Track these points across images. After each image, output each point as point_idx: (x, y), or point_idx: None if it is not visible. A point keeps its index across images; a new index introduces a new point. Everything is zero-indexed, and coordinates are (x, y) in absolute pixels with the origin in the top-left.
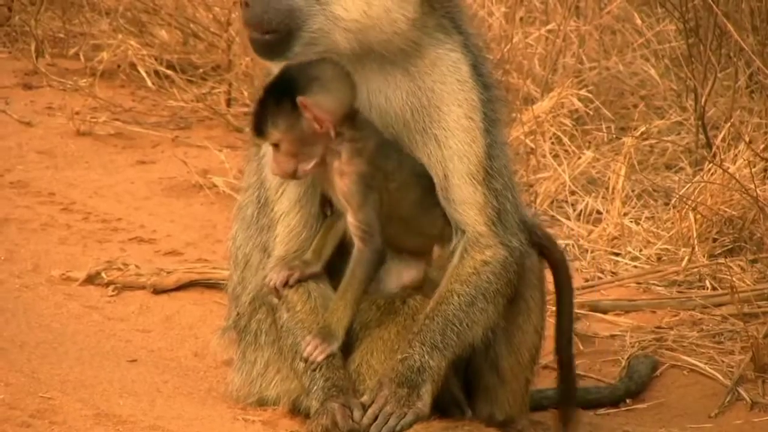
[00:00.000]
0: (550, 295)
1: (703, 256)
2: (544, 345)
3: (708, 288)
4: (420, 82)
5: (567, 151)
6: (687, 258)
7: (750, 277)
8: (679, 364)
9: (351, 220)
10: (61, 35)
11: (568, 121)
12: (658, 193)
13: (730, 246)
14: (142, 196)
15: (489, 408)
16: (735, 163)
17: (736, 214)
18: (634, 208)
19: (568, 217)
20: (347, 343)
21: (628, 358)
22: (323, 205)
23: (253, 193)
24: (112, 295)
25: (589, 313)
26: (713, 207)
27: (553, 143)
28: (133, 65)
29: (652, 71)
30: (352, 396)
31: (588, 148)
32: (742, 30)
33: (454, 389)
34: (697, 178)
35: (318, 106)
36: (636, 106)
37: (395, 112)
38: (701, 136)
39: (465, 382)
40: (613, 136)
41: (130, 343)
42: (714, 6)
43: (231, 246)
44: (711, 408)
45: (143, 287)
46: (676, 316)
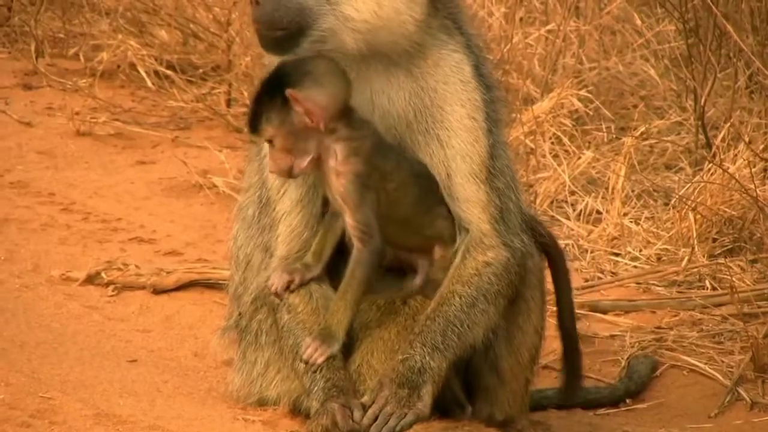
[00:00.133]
0: (550, 295)
1: (703, 256)
2: (544, 345)
3: (708, 288)
4: (423, 82)
5: (567, 151)
6: (687, 258)
7: (750, 277)
8: (678, 364)
9: (349, 221)
10: (61, 35)
11: (568, 122)
12: (657, 193)
13: (729, 246)
14: (142, 197)
15: (489, 408)
16: (735, 164)
17: (735, 214)
18: (633, 208)
19: (568, 217)
20: (347, 343)
21: (628, 358)
22: (325, 205)
23: (254, 193)
24: (112, 295)
25: (589, 313)
26: (713, 207)
27: (553, 143)
28: (133, 65)
29: (652, 71)
30: (353, 396)
31: (588, 149)
32: (741, 30)
33: (454, 386)
34: (697, 178)
35: (309, 99)
36: (636, 107)
37: (398, 113)
38: (701, 137)
39: (465, 383)
40: (613, 137)
41: (130, 343)
42: (714, 6)
43: (232, 246)
44: (711, 408)
45: (143, 287)
46: (675, 316)
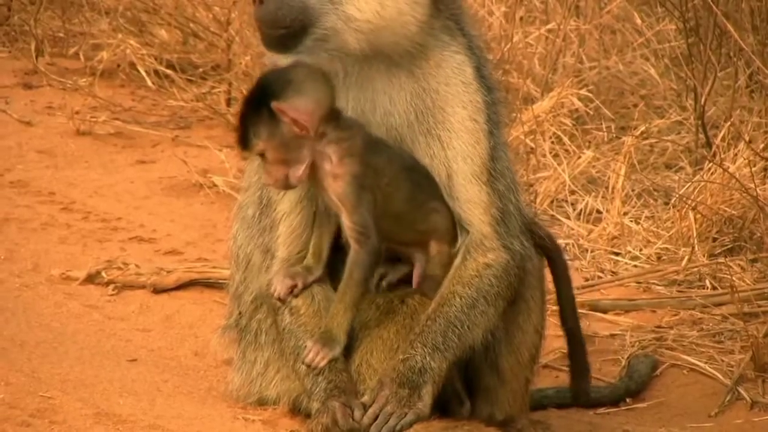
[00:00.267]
0: (550, 294)
1: (703, 256)
2: (544, 344)
3: (708, 287)
4: (424, 83)
5: (567, 150)
6: (687, 257)
7: (750, 276)
8: (679, 363)
9: (346, 222)
10: (61, 35)
11: (568, 121)
12: (658, 192)
13: (730, 245)
14: (142, 196)
15: (489, 407)
16: (735, 163)
17: (736, 213)
18: (634, 207)
19: (568, 217)
20: (347, 343)
21: (628, 358)
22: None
23: (254, 193)
24: (112, 295)
25: (589, 313)
26: (713, 206)
27: (553, 143)
28: (132, 65)
29: (652, 71)
30: (354, 397)
31: (588, 148)
32: (742, 30)
33: (455, 381)
34: (697, 177)
35: (294, 108)
36: (636, 106)
37: (399, 114)
38: (701, 136)
39: (465, 382)
40: (613, 136)
41: (130, 343)
42: (714, 6)
43: (232, 246)
44: (711, 407)
45: (143, 286)
46: (676, 315)
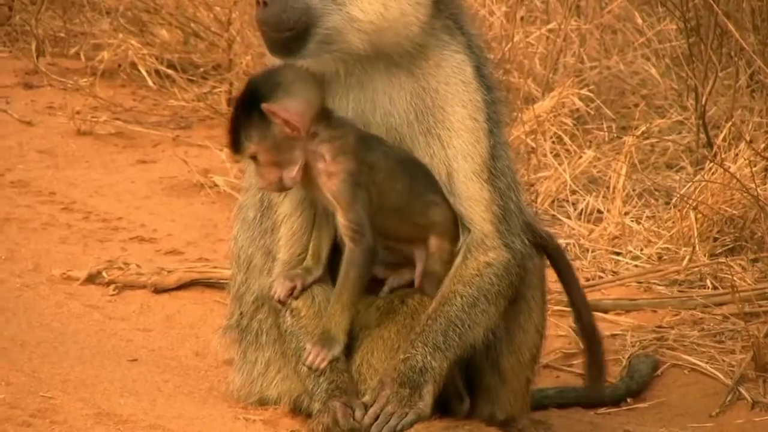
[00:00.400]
0: (550, 294)
1: (704, 256)
2: (545, 344)
3: (709, 287)
4: (424, 83)
5: (568, 150)
6: (688, 257)
7: (751, 276)
8: (680, 363)
9: (341, 220)
10: (62, 35)
11: (568, 121)
12: (659, 192)
13: (731, 245)
14: (143, 196)
15: (490, 407)
16: (736, 163)
17: (737, 213)
18: (635, 207)
19: (569, 217)
20: (348, 343)
21: (629, 358)
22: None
23: (255, 194)
24: (112, 295)
25: None
26: (714, 206)
27: (553, 142)
28: (133, 65)
29: (653, 70)
30: (355, 397)
31: (589, 148)
32: (742, 29)
33: (455, 378)
34: (698, 177)
35: (285, 109)
36: (637, 106)
37: (399, 113)
38: (702, 136)
39: (466, 381)
40: (614, 136)
41: (131, 343)
42: (715, 5)
43: (233, 247)
44: (712, 407)
45: (144, 286)
46: (677, 315)
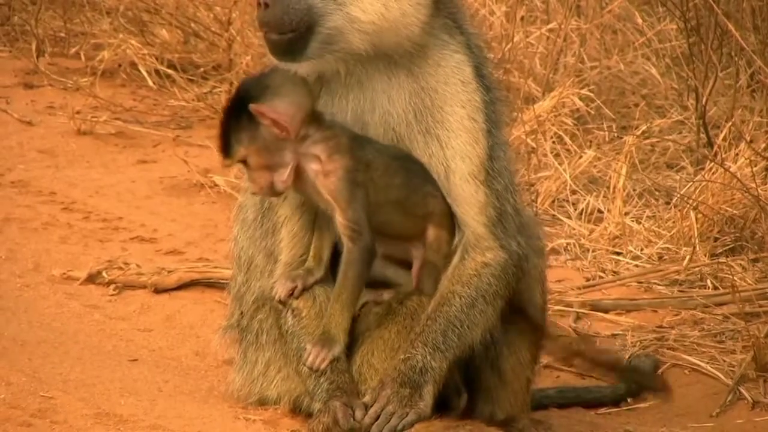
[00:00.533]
0: (551, 294)
1: (705, 256)
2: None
3: (709, 287)
4: (423, 82)
5: (568, 150)
6: (688, 257)
7: (751, 276)
8: (680, 363)
9: (339, 220)
10: (62, 34)
11: (569, 121)
12: (659, 192)
13: (731, 245)
14: (143, 196)
15: (490, 407)
16: (736, 163)
17: (737, 213)
18: (635, 207)
19: (570, 217)
20: (348, 344)
21: (630, 358)
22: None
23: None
24: (113, 295)
25: (591, 313)
26: (714, 206)
27: (554, 142)
28: (133, 64)
29: (653, 70)
30: (355, 397)
31: (589, 148)
32: (743, 29)
33: (454, 374)
34: (699, 177)
35: (273, 110)
36: (637, 105)
37: (398, 113)
38: (702, 135)
39: (466, 381)
40: (614, 135)
41: (131, 343)
42: (715, 5)
43: (234, 247)
44: (712, 407)
45: (144, 286)
46: (677, 315)
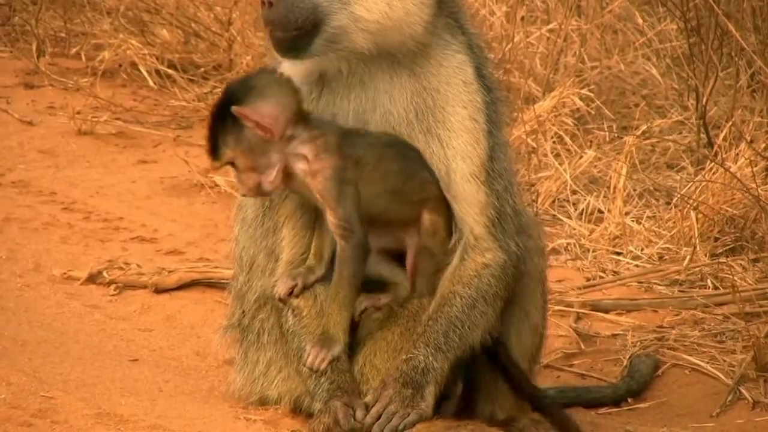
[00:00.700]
0: (551, 294)
1: (705, 256)
2: (545, 344)
3: (710, 287)
4: (425, 82)
5: (568, 150)
6: (688, 257)
7: (751, 276)
8: (680, 363)
9: (330, 218)
10: (63, 35)
11: (569, 121)
12: (659, 192)
13: (731, 245)
14: (144, 196)
15: (491, 407)
16: (736, 163)
17: (737, 213)
18: (635, 207)
19: (570, 217)
20: (350, 345)
21: (630, 358)
22: None
23: None
24: (113, 295)
25: (591, 313)
26: (715, 206)
27: (554, 142)
28: (134, 65)
29: (654, 70)
30: (356, 397)
31: (589, 148)
32: (743, 29)
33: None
34: (699, 177)
35: (256, 112)
36: (637, 106)
37: (399, 112)
38: (703, 136)
39: (466, 381)
40: (615, 136)
41: (132, 343)
42: (715, 6)
43: (235, 247)
44: (713, 407)
45: (145, 286)
46: (677, 315)
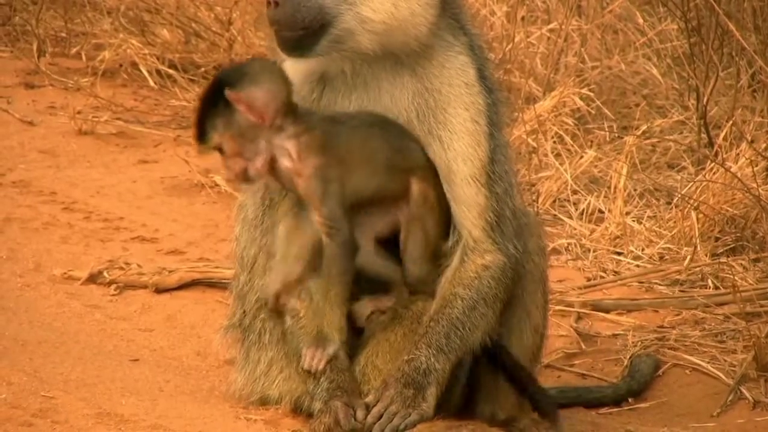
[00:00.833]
0: (552, 294)
1: (706, 256)
2: (546, 344)
3: (710, 287)
4: (427, 83)
5: (569, 150)
6: (689, 257)
7: (752, 276)
8: (681, 363)
9: (315, 217)
10: (63, 34)
11: (570, 120)
12: (660, 192)
13: (732, 245)
14: (144, 195)
15: (491, 407)
16: (737, 163)
17: (738, 213)
18: (636, 207)
19: (570, 217)
20: (352, 346)
21: (631, 358)
22: None
23: (255, 193)
24: (114, 295)
25: (592, 312)
26: (715, 206)
27: (555, 142)
28: (134, 64)
29: (654, 70)
30: (357, 396)
31: (590, 148)
32: (744, 29)
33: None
34: (699, 177)
35: (249, 98)
36: (638, 105)
37: (400, 113)
38: (703, 135)
39: (466, 381)
40: (615, 135)
41: (132, 343)
42: (716, 5)
43: (236, 247)
44: (713, 407)
45: (145, 286)
46: (678, 315)
